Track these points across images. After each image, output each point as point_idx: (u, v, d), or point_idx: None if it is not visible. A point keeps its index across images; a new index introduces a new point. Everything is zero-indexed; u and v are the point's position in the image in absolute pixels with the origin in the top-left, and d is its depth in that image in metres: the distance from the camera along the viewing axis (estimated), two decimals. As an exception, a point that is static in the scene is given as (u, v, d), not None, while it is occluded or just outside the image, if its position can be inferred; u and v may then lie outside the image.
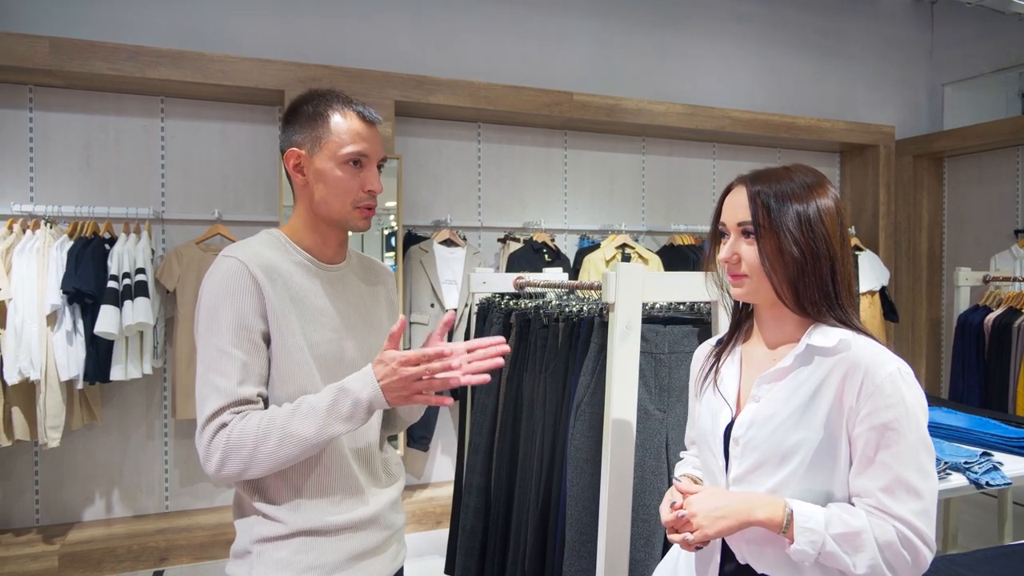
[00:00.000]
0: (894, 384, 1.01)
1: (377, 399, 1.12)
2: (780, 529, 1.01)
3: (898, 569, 0.99)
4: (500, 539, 2.12)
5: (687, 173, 4.46)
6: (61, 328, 2.87)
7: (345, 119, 1.22)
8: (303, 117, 1.23)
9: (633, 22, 4.30)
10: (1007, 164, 4.59)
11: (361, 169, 1.23)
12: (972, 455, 1.85)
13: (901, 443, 0.99)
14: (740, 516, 1.03)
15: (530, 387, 2.07)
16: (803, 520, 1.00)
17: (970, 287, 3.32)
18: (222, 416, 1.10)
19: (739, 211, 1.12)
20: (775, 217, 1.08)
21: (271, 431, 1.09)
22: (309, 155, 1.22)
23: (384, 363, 1.12)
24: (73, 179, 3.22)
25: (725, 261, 1.13)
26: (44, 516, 3.18)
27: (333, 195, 1.22)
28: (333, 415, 1.11)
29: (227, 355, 1.12)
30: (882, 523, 0.99)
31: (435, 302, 3.61)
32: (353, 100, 1.25)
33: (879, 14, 5.04)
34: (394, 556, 1.32)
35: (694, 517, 1.05)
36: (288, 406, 1.13)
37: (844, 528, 0.99)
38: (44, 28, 3.12)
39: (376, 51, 3.70)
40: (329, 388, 1.14)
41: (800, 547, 0.99)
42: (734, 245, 1.12)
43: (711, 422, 1.18)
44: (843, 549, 0.99)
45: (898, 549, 0.98)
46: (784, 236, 1.07)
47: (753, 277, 1.10)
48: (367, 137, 1.23)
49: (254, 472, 1.11)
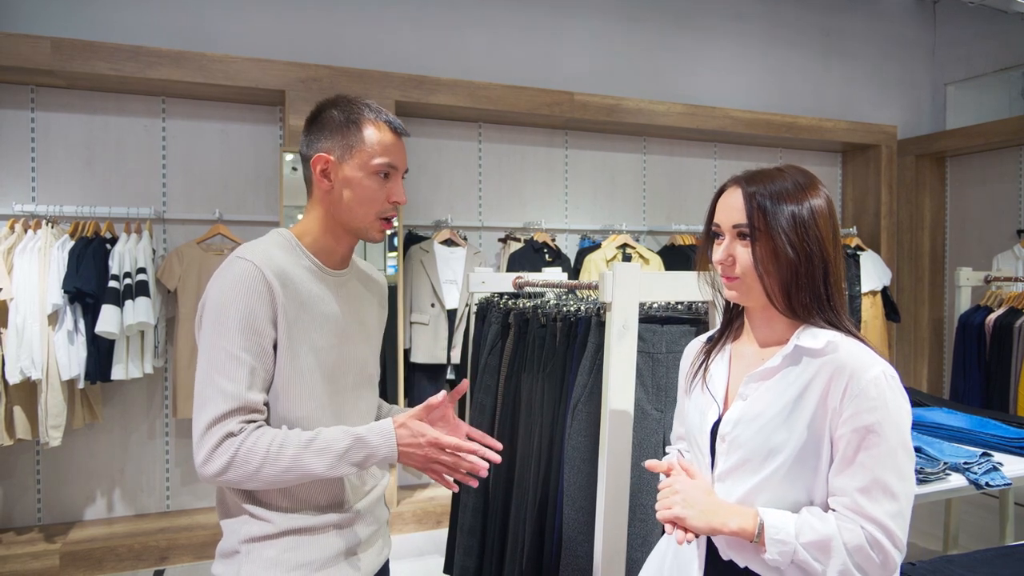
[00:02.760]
0: (878, 387, 1.02)
1: (392, 458, 1.16)
2: (752, 539, 1.04)
3: (868, 571, 1.01)
4: (498, 538, 2.12)
5: (688, 173, 4.46)
6: (62, 327, 2.88)
7: (378, 131, 1.23)
8: (333, 123, 1.24)
9: (634, 22, 4.29)
10: (1010, 164, 4.57)
11: (388, 180, 1.25)
12: (972, 455, 1.84)
13: (881, 445, 1.01)
14: (712, 521, 1.06)
15: (528, 387, 2.07)
16: (773, 532, 1.02)
17: (972, 287, 3.31)
18: (228, 423, 1.10)
19: (734, 213, 1.11)
20: (771, 220, 1.08)
21: (281, 457, 1.10)
22: (339, 162, 1.23)
23: (411, 432, 1.15)
24: (74, 179, 3.23)
25: (720, 263, 1.13)
26: (45, 515, 3.19)
27: (359, 204, 1.23)
28: (345, 459, 1.13)
29: (235, 358, 1.11)
30: (852, 526, 1.01)
31: (435, 302, 3.62)
32: (384, 111, 1.27)
33: (881, 13, 5.03)
34: (379, 551, 1.34)
35: (674, 495, 1.10)
36: (304, 435, 1.13)
37: (814, 536, 1.01)
38: (46, 28, 3.13)
39: (377, 51, 3.71)
40: (345, 432, 1.14)
41: (771, 556, 1.02)
42: (729, 247, 1.12)
43: (699, 419, 1.20)
44: (813, 556, 1.01)
45: (867, 552, 1.00)
46: (779, 239, 1.07)
47: (746, 279, 1.11)
48: (397, 149, 1.25)
49: (250, 486, 1.13)
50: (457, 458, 1.16)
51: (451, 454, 1.16)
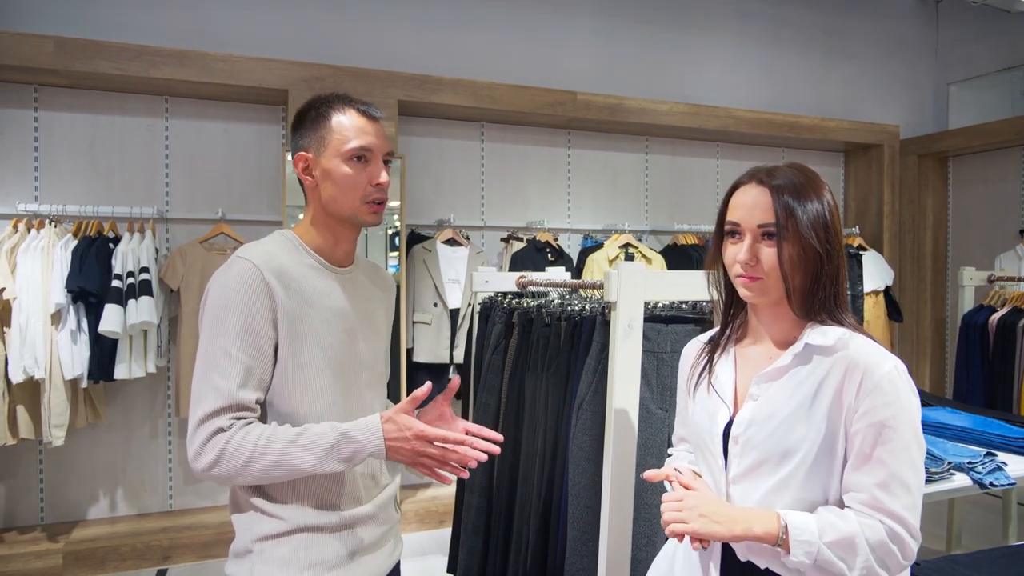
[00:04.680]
0: (892, 382, 1.03)
1: (380, 453, 1.15)
2: (776, 542, 1.03)
3: (890, 565, 1.02)
4: (502, 538, 2.12)
5: (691, 173, 4.46)
6: (65, 327, 2.89)
7: (347, 116, 1.24)
8: (307, 121, 1.26)
9: (637, 21, 4.29)
10: (1012, 164, 4.57)
11: (367, 164, 1.24)
12: (976, 455, 1.83)
13: (897, 440, 1.01)
14: (735, 529, 1.04)
15: (532, 386, 2.07)
16: (797, 532, 1.01)
17: (975, 287, 3.30)
18: (219, 419, 1.11)
19: (758, 212, 1.09)
20: (800, 219, 1.07)
21: (268, 452, 1.10)
22: (316, 156, 1.24)
23: (398, 427, 1.15)
24: (77, 178, 3.23)
25: (745, 263, 1.10)
26: (48, 514, 3.19)
27: (341, 192, 1.23)
28: (332, 455, 1.13)
29: (231, 357, 1.12)
30: (871, 522, 1.01)
31: (438, 301, 3.62)
32: (353, 98, 1.27)
33: (883, 13, 5.02)
34: (391, 551, 1.33)
35: (689, 510, 1.06)
36: (291, 431, 1.13)
37: (837, 535, 1.01)
38: (49, 28, 3.13)
39: (379, 50, 3.71)
40: (332, 428, 1.14)
41: (796, 558, 1.01)
42: (753, 247, 1.09)
43: (708, 421, 1.18)
44: (837, 555, 1.01)
45: (888, 547, 1.01)
46: (808, 238, 1.07)
47: (770, 279, 1.09)
48: (369, 131, 1.24)
49: (241, 481, 1.13)
50: (445, 451, 1.16)
51: (439, 447, 1.16)
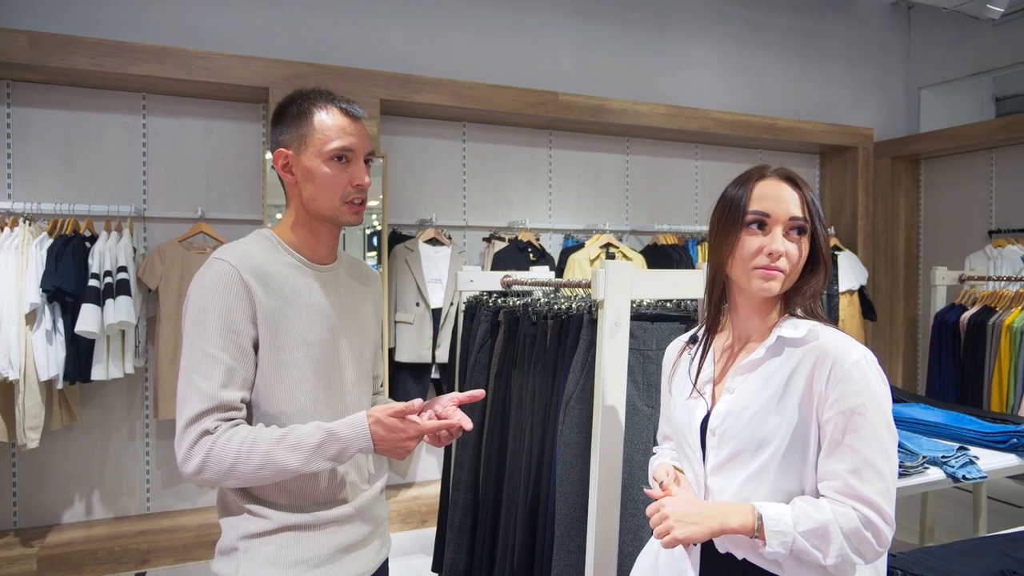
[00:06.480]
0: (861, 371, 1.06)
1: (367, 449, 1.17)
2: (752, 534, 1.06)
3: (864, 552, 1.04)
4: (489, 536, 2.12)
5: (670, 173, 4.50)
6: (41, 327, 2.83)
7: (329, 115, 1.23)
8: (288, 117, 1.24)
9: (618, 23, 4.33)
10: (981, 166, 4.69)
11: (348, 164, 1.24)
12: (949, 450, 1.89)
13: (867, 427, 1.04)
14: (712, 525, 1.07)
15: (519, 384, 2.08)
16: (772, 523, 1.04)
17: (946, 286, 3.39)
18: (204, 421, 1.10)
19: (792, 205, 1.12)
20: (820, 217, 1.14)
21: (254, 453, 1.10)
22: (296, 154, 1.23)
23: (386, 428, 1.16)
24: (53, 176, 3.17)
25: (776, 254, 1.10)
26: (22, 518, 3.13)
27: (322, 192, 1.22)
28: (319, 454, 1.13)
29: (212, 358, 1.12)
30: (845, 510, 1.04)
31: (420, 301, 3.61)
32: (336, 96, 1.26)
33: (858, 18, 5.13)
34: (378, 549, 1.34)
35: (665, 519, 1.09)
36: (277, 431, 1.13)
37: (811, 524, 1.03)
38: (23, 22, 3.07)
39: (361, 49, 3.69)
40: (318, 427, 1.14)
41: (773, 549, 1.04)
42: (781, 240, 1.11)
43: (687, 416, 1.21)
44: (812, 544, 1.04)
45: (862, 534, 1.03)
46: (822, 235, 1.14)
47: (789, 273, 1.13)
48: (352, 132, 1.24)
49: (230, 484, 1.13)
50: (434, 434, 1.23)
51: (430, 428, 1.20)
